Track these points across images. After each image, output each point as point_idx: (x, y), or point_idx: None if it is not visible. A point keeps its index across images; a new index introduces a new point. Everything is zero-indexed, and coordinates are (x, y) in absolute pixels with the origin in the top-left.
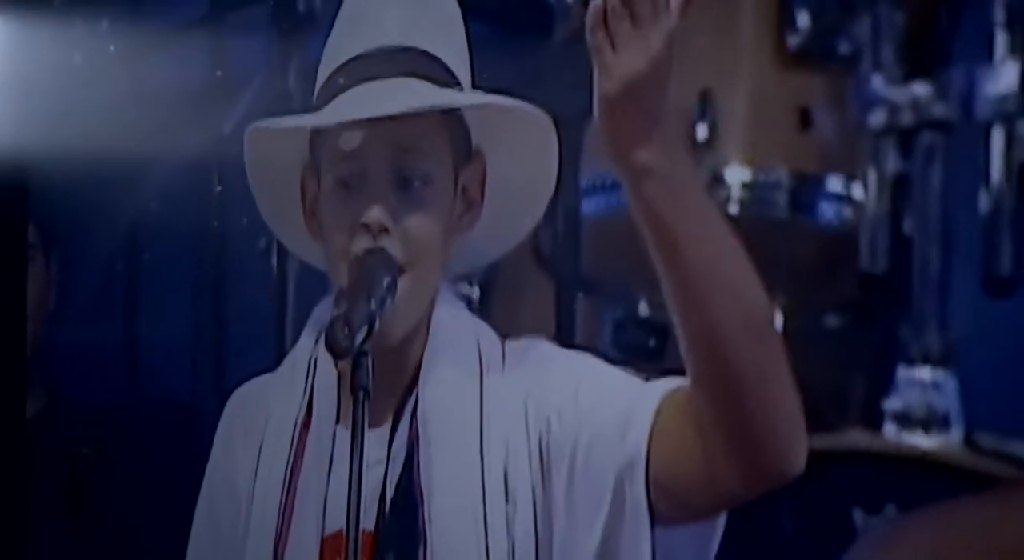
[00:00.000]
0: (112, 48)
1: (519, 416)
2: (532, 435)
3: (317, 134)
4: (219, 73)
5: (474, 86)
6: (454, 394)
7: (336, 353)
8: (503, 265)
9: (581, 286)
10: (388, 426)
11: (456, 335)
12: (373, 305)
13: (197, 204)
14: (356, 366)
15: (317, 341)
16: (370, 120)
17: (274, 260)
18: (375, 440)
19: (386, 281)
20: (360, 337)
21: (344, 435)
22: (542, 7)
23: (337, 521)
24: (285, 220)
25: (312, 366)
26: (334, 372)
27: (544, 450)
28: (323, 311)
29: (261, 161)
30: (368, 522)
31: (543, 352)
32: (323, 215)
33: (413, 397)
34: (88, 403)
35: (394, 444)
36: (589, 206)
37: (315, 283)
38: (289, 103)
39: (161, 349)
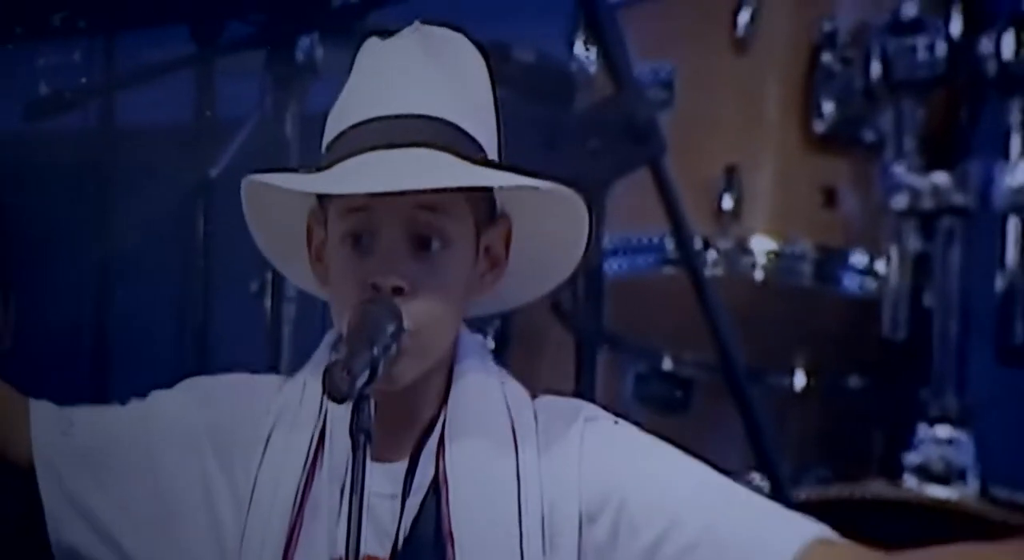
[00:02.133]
0: (84, 80)
1: (567, 478)
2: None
3: None
4: (208, 113)
5: (500, 151)
6: (484, 438)
7: (335, 398)
8: (519, 317)
9: (602, 341)
10: (405, 462)
11: (483, 406)
12: (376, 351)
13: (180, 246)
14: (357, 410)
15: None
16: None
17: (268, 303)
18: (389, 474)
19: (390, 329)
20: (360, 382)
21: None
22: (564, 75)
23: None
24: (289, 260)
25: (322, 401)
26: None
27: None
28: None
29: (263, 208)
30: (382, 552)
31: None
32: (331, 264)
33: (436, 435)
34: None
35: (415, 480)
36: (611, 267)
37: (313, 329)
38: (285, 151)
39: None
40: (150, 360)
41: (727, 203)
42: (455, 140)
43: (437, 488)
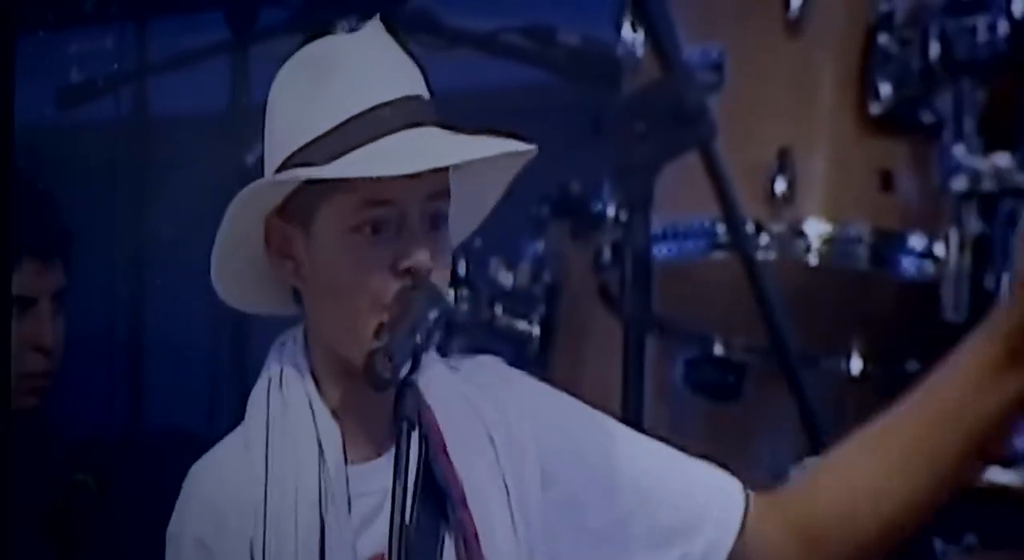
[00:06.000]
0: (116, 66)
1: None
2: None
3: (311, 184)
4: (244, 100)
5: None
6: (454, 412)
7: (376, 386)
8: (565, 303)
9: (651, 327)
10: (385, 457)
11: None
12: (418, 338)
13: (211, 234)
14: (400, 397)
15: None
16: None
17: None
18: (375, 473)
19: (432, 315)
20: (404, 370)
21: (353, 471)
22: (611, 58)
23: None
24: (230, 268)
25: (310, 405)
26: (327, 411)
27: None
28: (280, 353)
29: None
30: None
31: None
32: (323, 260)
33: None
34: (86, 431)
35: (404, 471)
36: (659, 251)
37: None
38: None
39: (175, 385)
40: (187, 348)
41: (780, 186)
42: (435, 115)
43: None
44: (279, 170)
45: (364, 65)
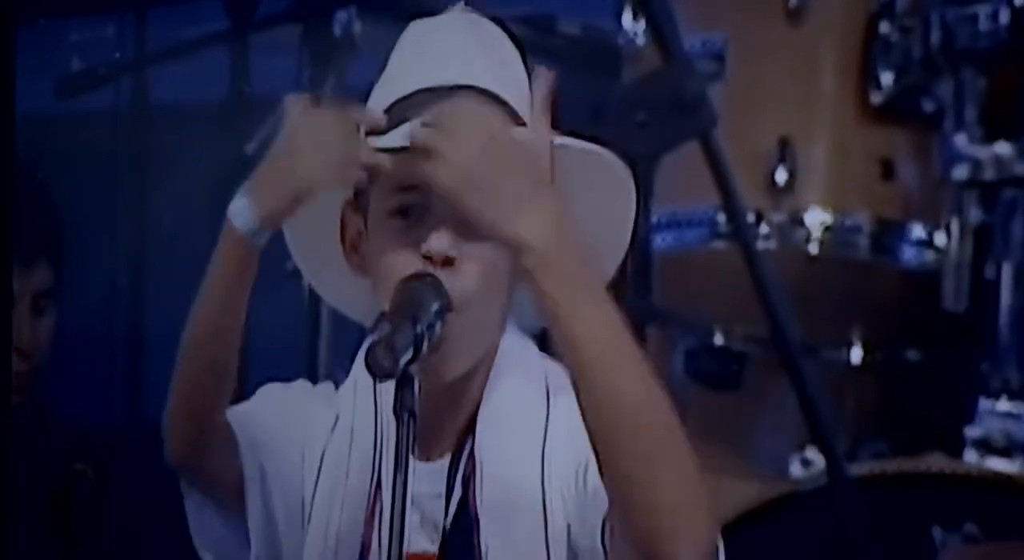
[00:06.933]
0: (117, 55)
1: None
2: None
3: (367, 168)
4: (243, 90)
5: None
6: (513, 429)
7: (377, 375)
8: None
9: (652, 316)
10: (446, 460)
11: (524, 364)
12: (419, 329)
13: (215, 225)
14: (400, 388)
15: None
16: None
17: (306, 282)
18: (434, 473)
19: (434, 307)
20: (404, 360)
21: (413, 465)
22: (611, 48)
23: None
24: (317, 253)
25: (375, 397)
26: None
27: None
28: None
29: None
30: (434, 548)
31: None
32: (372, 247)
33: (473, 433)
34: (85, 421)
35: (458, 477)
36: (660, 242)
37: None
38: None
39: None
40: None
41: (781, 176)
42: (497, 111)
43: (470, 479)
44: None
45: (421, 49)
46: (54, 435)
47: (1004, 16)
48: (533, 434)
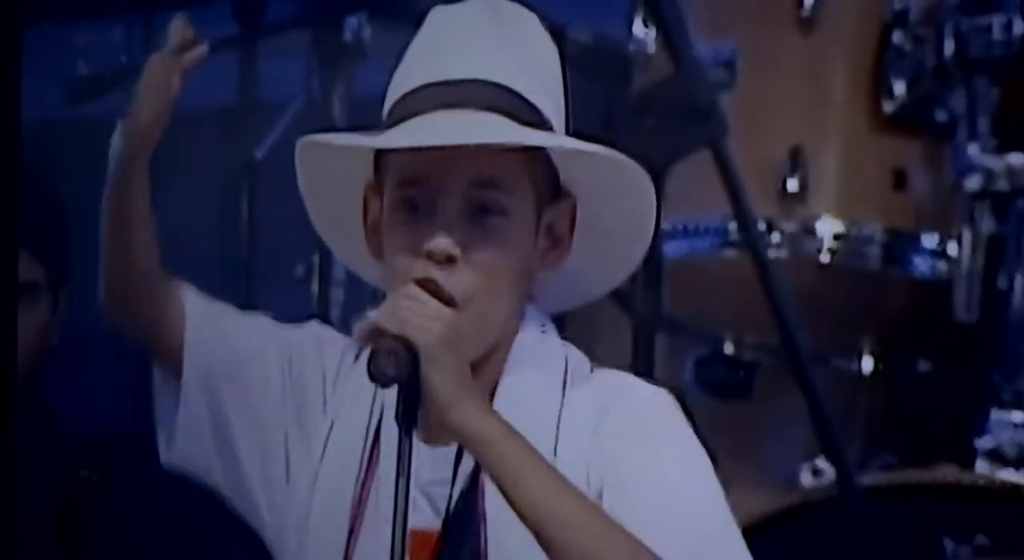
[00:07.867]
0: (123, 59)
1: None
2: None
3: (384, 152)
4: (252, 95)
5: (567, 127)
6: (528, 416)
7: (380, 383)
8: None
9: (662, 325)
10: (453, 447)
11: (541, 356)
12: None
13: (223, 230)
14: (404, 395)
15: None
16: (447, 148)
17: (315, 287)
18: (441, 457)
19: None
20: (407, 369)
21: (418, 446)
22: (621, 55)
23: (418, 521)
24: (343, 236)
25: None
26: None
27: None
28: None
29: (319, 176)
30: (435, 529)
31: (630, 392)
32: (385, 236)
33: None
34: (91, 428)
35: (461, 465)
36: (670, 249)
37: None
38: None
39: None
40: None
41: (792, 185)
42: (516, 107)
43: (478, 475)
44: None
45: (434, 41)
46: (59, 442)
47: (1018, 26)
48: (545, 427)
